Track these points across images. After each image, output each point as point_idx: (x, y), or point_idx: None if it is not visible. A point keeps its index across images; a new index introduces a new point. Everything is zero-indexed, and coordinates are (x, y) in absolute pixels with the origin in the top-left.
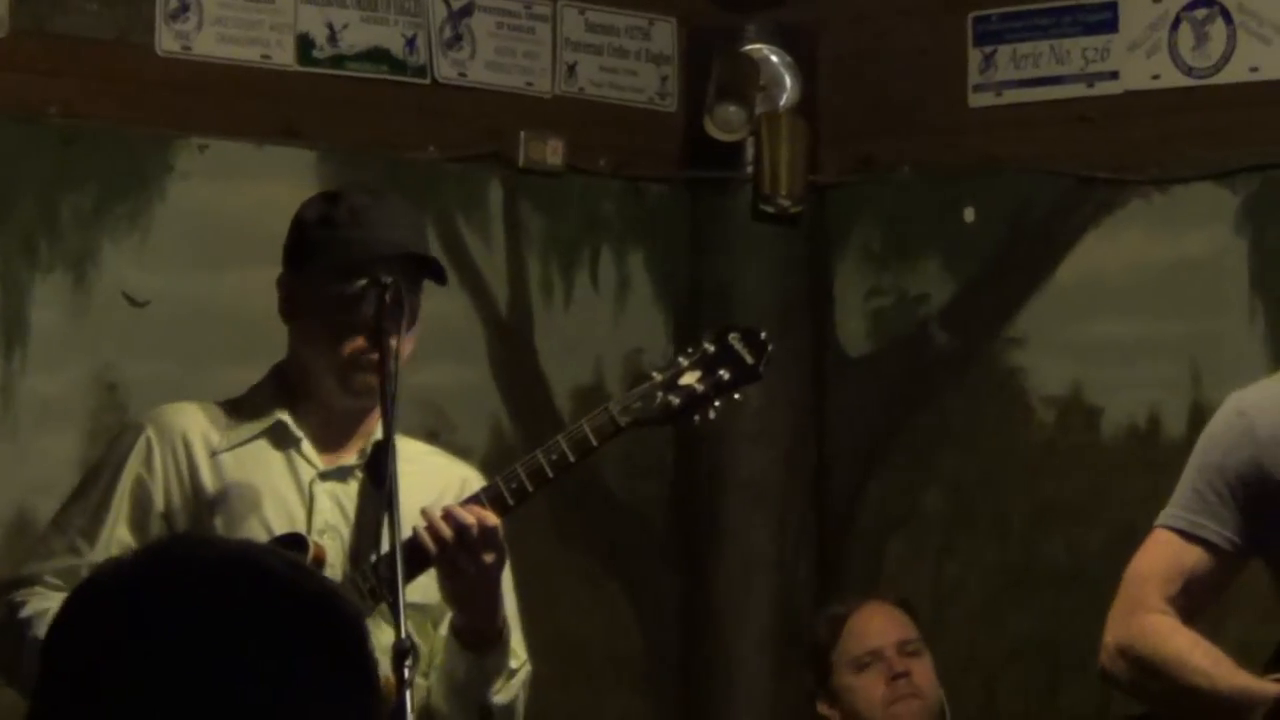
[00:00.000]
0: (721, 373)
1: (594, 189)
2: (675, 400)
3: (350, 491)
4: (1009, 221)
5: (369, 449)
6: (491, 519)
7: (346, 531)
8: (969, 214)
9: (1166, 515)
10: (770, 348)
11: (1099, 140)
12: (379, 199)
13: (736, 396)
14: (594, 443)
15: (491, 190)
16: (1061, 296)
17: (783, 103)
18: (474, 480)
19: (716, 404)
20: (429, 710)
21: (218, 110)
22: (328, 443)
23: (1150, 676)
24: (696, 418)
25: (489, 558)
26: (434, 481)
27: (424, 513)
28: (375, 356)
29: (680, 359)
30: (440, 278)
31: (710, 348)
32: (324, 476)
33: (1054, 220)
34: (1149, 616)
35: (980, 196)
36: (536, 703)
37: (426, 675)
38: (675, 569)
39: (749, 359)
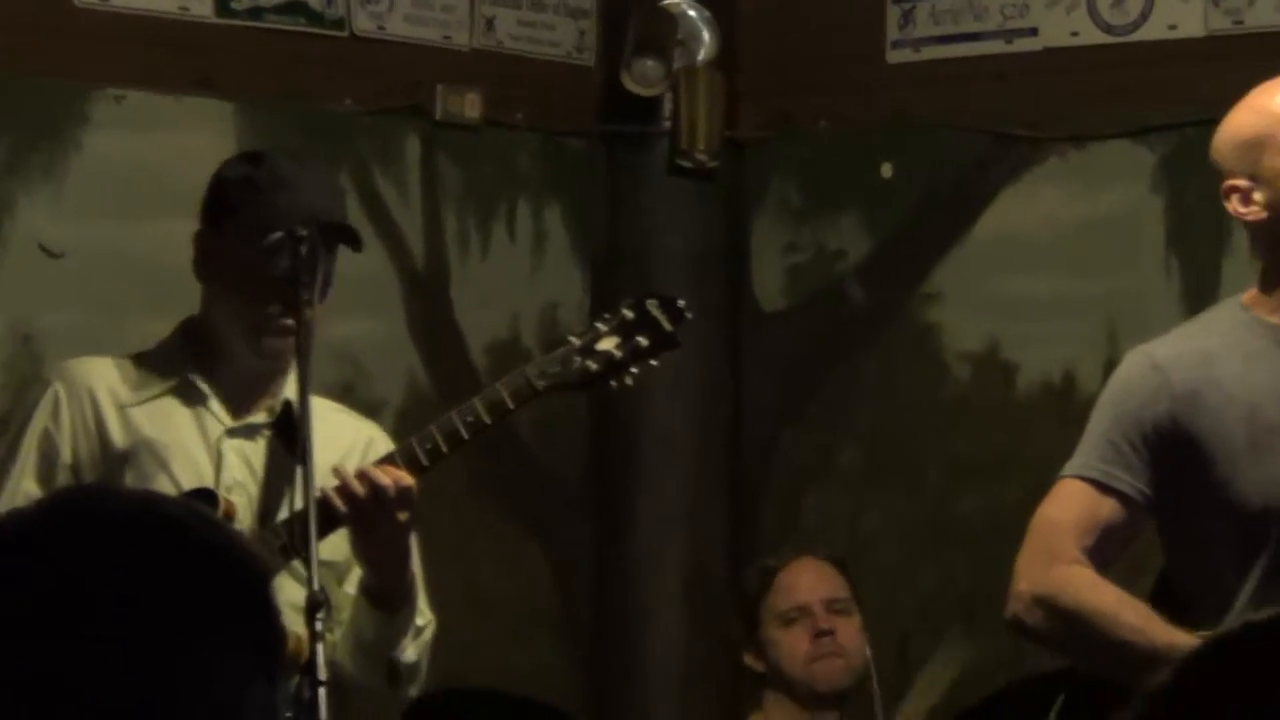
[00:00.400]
0: (639, 339)
1: (511, 142)
2: (593, 366)
3: (258, 449)
4: (926, 178)
5: (278, 408)
6: (406, 479)
7: (255, 489)
8: (886, 170)
9: (1078, 465)
10: (688, 316)
11: (1017, 97)
12: (302, 164)
13: (654, 363)
14: (510, 406)
15: (408, 143)
16: (978, 253)
17: (700, 57)
18: (380, 440)
19: (633, 370)
20: (335, 668)
21: (135, 62)
22: (236, 401)
23: (1074, 628)
24: (613, 384)
25: (403, 517)
26: (339, 441)
27: (337, 472)
28: (288, 321)
29: (598, 324)
30: (357, 244)
31: (629, 314)
32: (231, 434)
33: (971, 177)
34: (1070, 568)
35: (898, 153)
36: (451, 657)
37: (332, 632)
38: (589, 522)
39: (667, 326)
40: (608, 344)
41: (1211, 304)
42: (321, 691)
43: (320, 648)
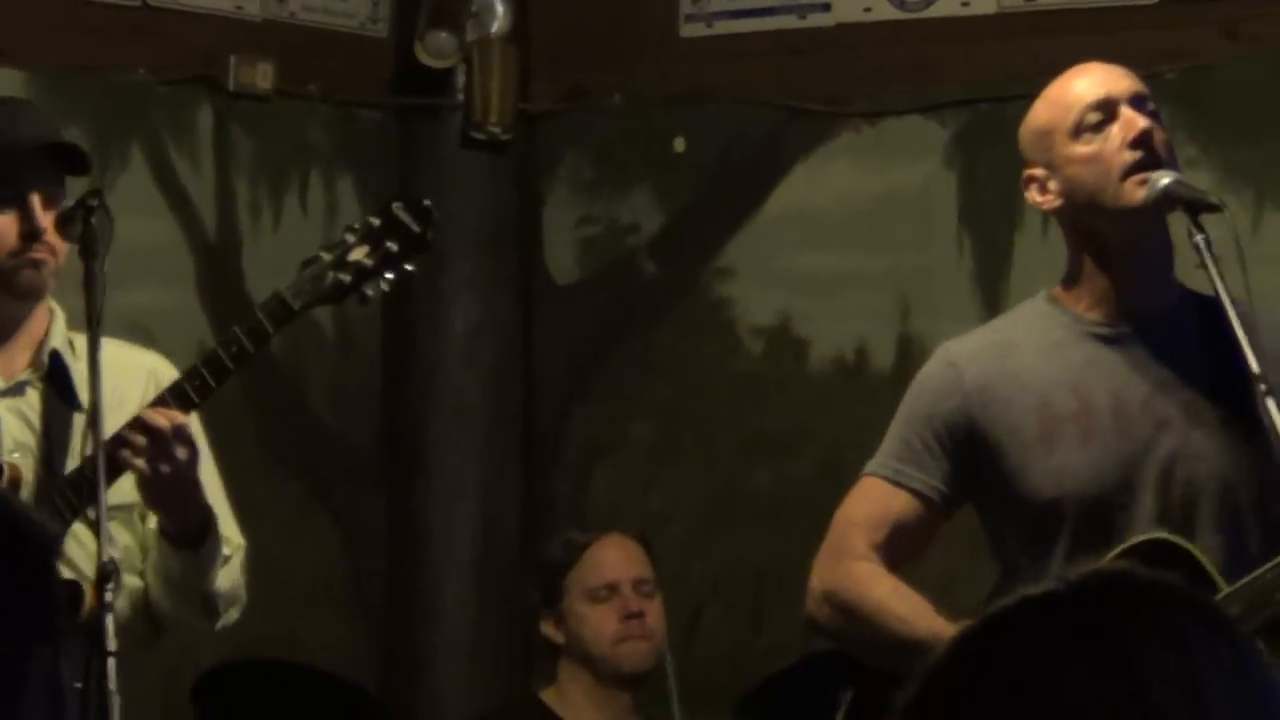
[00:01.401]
0: (389, 244)
1: (304, 114)
2: (346, 277)
3: (32, 404)
4: (719, 152)
5: (45, 359)
6: (180, 418)
7: (36, 446)
8: (679, 144)
9: (875, 463)
10: (435, 214)
11: (810, 72)
12: (14, 100)
13: (408, 267)
14: (269, 329)
15: (201, 114)
16: (771, 228)
17: (494, 30)
18: (163, 368)
19: (388, 276)
20: (150, 606)
21: None
22: (2, 361)
23: (854, 624)
24: (369, 292)
25: (183, 454)
26: (123, 378)
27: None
28: (39, 255)
29: (347, 235)
30: (85, 168)
31: (376, 221)
32: (2, 394)
33: (764, 152)
34: (854, 564)
35: (691, 127)
36: (239, 627)
37: (142, 574)
38: (381, 495)
39: (415, 228)
40: (358, 254)
41: (1002, 280)
42: (111, 661)
43: (110, 618)
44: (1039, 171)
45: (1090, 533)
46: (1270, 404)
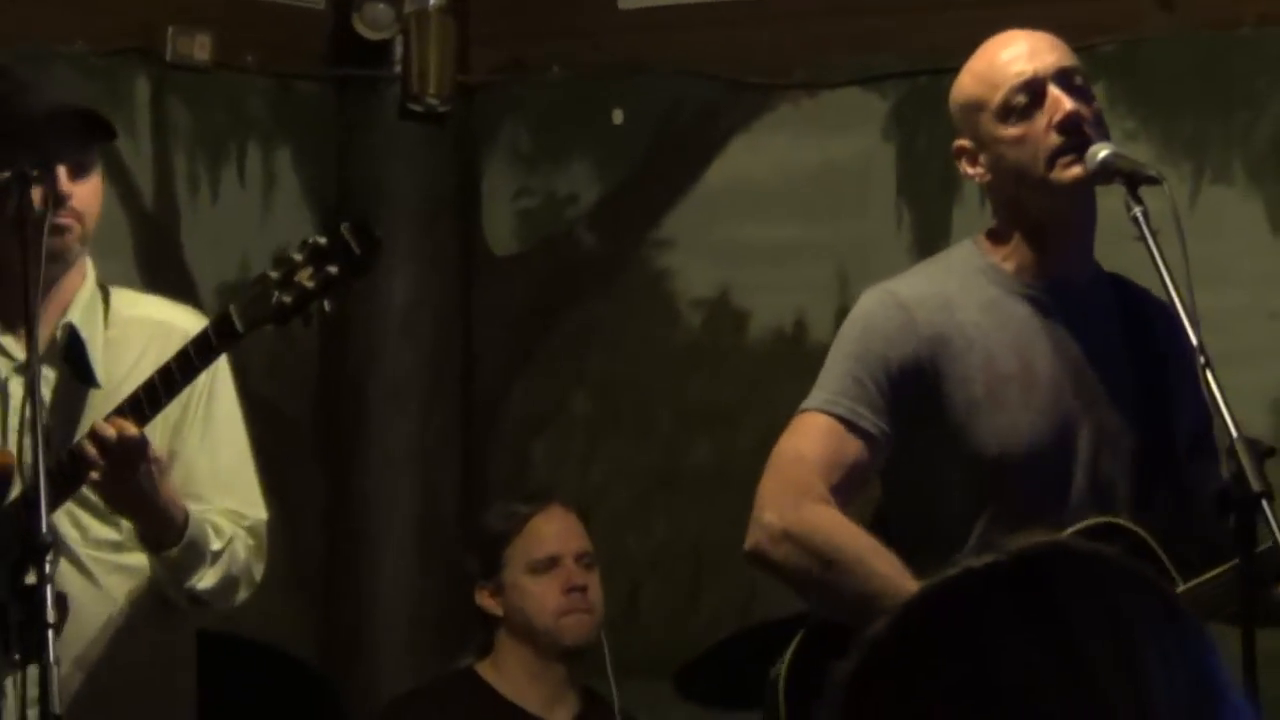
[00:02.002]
0: (330, 268)
1: (242, 86)
2: (288, 299)
3: (47, 379)
4: (658, 124)
5: (59, 336)
6: (131, 430)
7: (48, 421)
8: (618, 116)
9: (824, 400)
10: (379, 237)
11: (749, 44)
12: (40, 59)
13: (346, 291)
14: (215, 345)
15: (138, 85)
16: (710, 199)
17: (432, 2)
18: (193, 327)
19: (327, 299)
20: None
21: None
22: (18, 331)
23: (822, 569)
24: (311, 314)
25: (131, 468)
26: (152, 342)
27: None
28: (64, 220)
29: (294, 254)
30: (110, 134)
31: (321, 241)
32: (19, 369)
33: (703, 124)
34: (819, 507)
35: (629, 98)
36: None
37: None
38: (319, 467)
39: (357, 250)
40: (302, 275)
41: (940, 251)
42: (50, 634)
43: (48, 590)
44: (968, 144)
45: (1024, 495)
46: (1209, 377)
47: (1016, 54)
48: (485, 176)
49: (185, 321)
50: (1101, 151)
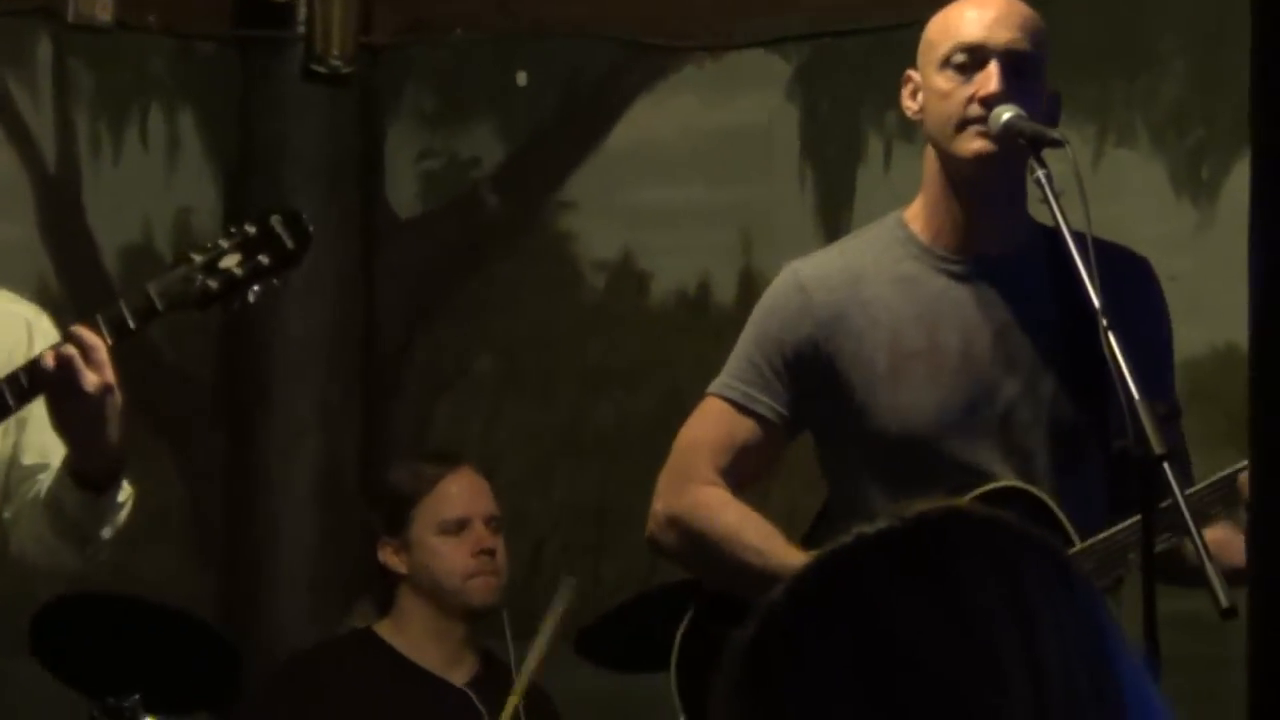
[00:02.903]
0: (261, 257)
1: (144, 46)
2: (213, 285)
3: None
4: (561, 86)
5: None
6: (99, 340)
7: None
8: (522, 78)
9: (720, 384)
10: (311, 230)
11: (653, 6)
12: None
13: (275, 281)
14: (131, 325)
15: (40, 46)
16: (613, 162)
17: None
18: (39, 320)
19: (255, 289)
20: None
21: None
22: None
23: (701, 549)
24: (235, 303)
25: (99, 378)
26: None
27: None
28: None
29: (222, 240)
30: None
31: (251, 230)
32: None
33: (606, 85)
34: (701, 489)
35: (533, 60)
36: None
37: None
38: (221, 428)
39: (289, 244)
40: (230, 261)
41: (845, 214)
42: None
43: None
44: (916, 76)
45: (933, 472)
46: (1112, 339)
47: (980, 16)
48: (388, 138)
49: (27, 311)
50: (1005, 113)
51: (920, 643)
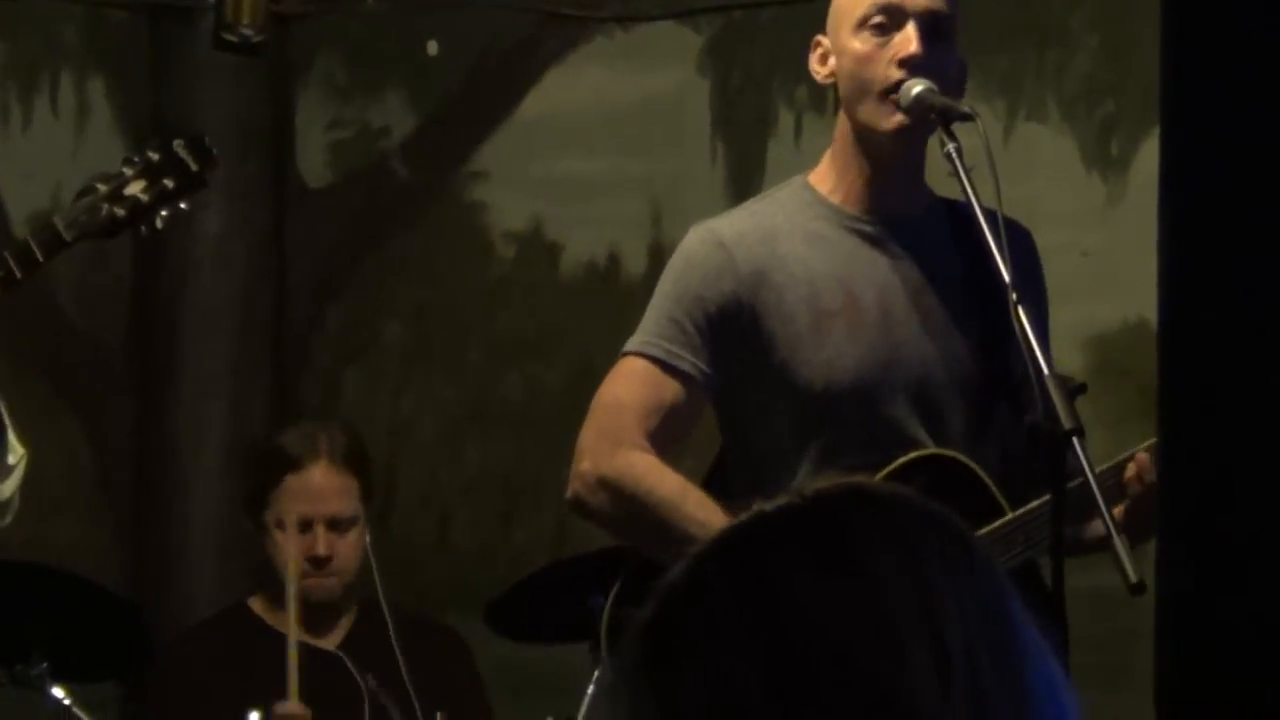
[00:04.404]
0: (166, 181)
1: (54, 14)
2: (120, 211)
3: None
4: (473, 56)
5: None
6: None
7: None
8: (432, 47)
9: (642, 343)
10: (214, 152)
11: None
12: None
13: (183, 206)
14: (40, 257)
15: None
16: (524, 132)
17: None
18: None
19: (163, 213)
20: None
21: None
22: None
23: (638, 515)
24: (143, 228)
25: None
26: None
27: None
28: None
29: (124, 169)
30: None
31: (154, 156)
32: None
33: (517, 56)
34: (634, 454)
35: (444, 30)
36: None
37: None
38: (130, 397)
39: (193, 166)
40: (134, 188)
41: (755, 187)
42: None
43: None
44: (825, 41)
45: (850, 427)
46: (1021, 313)
47: None
48: (299, 107)
49: None
50: (916, 87)
51: (819, 621)
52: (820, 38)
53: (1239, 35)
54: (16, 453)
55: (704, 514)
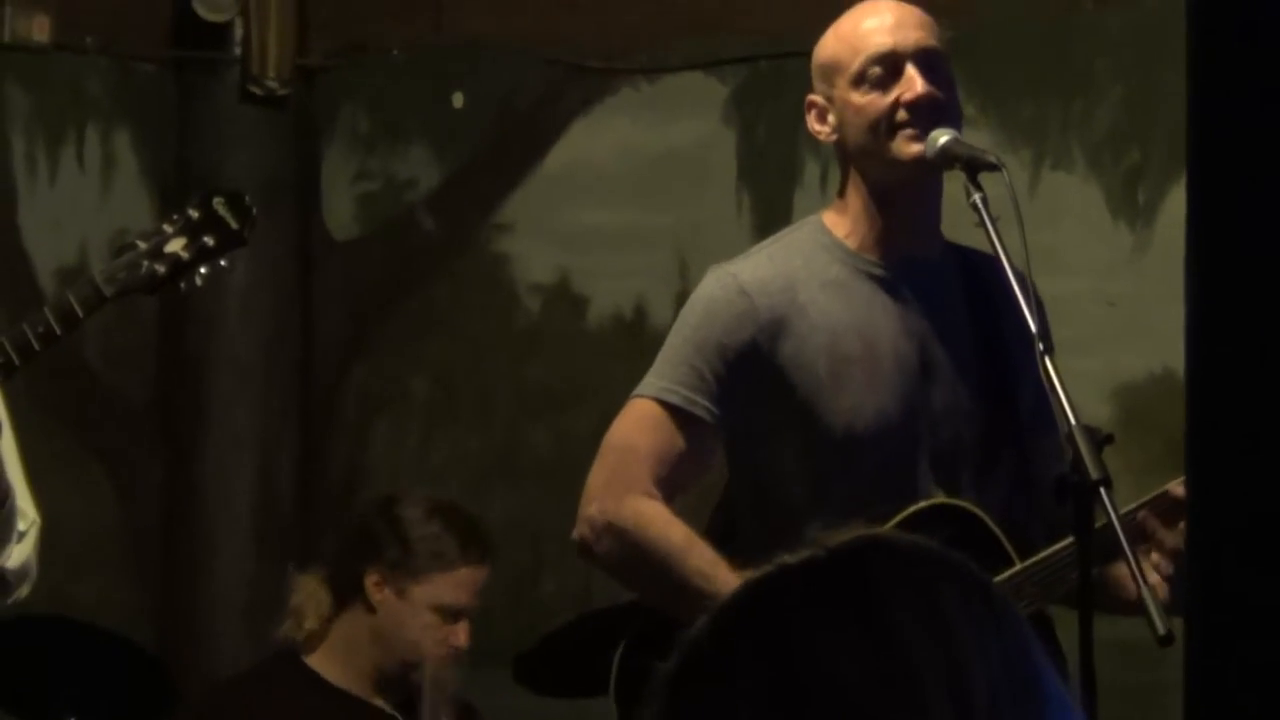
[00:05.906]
0: (206, 239)
1: (81, 67)
2: (161, 268)
3: None
4: (498, 108)
5: None
6: None
7: None
8: (458, 99)
9: (657, 387)
10: (254, 210)
11: (589, 27)
12: None
13: (223, 263)
14: (80, 314)
15: None
16: (550, 184)
17: None
18: None
19: (203, 271)
20: None
21: None
22: None
23: (642, 564)
24: (182, 285)
25: None
26: None
27: None
28: None
29: (165, 225)
30: None
31: (194, 213)
32: None
33: (543, 107)
34: (643, 501)
35: (469, 82)
36: None
37: None
38: (157, 451)
39: (233, 224)
40: (175, 245)
41: None
42: None
43: None
44: (820, 100)
45: (867, 477)
46: (1049, 364)
47: (881, 24)
48: (325, 160)
49: None
50: (942, 138)
51: (843, 675)
52: (813, 97)
53: (1265, 84)
54: (28, 519)
55: (709, 568)
